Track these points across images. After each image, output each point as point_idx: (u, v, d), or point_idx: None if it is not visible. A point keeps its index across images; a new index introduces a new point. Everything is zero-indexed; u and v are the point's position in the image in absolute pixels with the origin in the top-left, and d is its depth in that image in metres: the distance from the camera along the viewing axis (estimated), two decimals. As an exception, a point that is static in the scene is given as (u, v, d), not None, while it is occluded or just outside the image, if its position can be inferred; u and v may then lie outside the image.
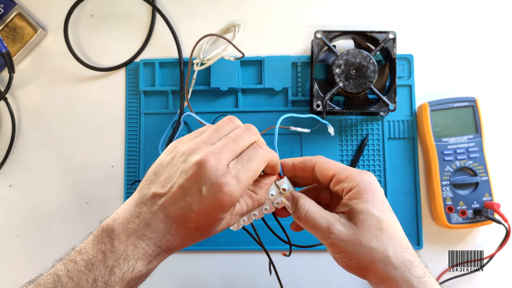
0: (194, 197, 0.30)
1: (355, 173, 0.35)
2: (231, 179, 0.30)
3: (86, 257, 0.30)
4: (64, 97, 0.59)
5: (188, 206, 0.30)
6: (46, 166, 0.58)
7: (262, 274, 0.56)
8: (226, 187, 0.30)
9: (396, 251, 0.32)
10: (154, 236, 0.31)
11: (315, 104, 0.53)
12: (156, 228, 0.31)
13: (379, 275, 0.33)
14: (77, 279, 0.29)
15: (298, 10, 0.59)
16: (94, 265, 0.29)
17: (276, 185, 0.37)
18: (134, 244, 0.30)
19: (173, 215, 0.31)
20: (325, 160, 0.36)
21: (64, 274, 0.29)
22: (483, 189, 0.53)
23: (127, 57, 0.59)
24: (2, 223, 0.58)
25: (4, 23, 0.59)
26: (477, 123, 0.54)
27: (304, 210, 0.35)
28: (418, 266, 0.32)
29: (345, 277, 0.56)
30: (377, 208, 0.33)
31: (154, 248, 0.31)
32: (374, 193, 0.34)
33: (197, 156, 0.31)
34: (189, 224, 0.31)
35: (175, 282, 0.56)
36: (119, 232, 0.30)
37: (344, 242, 0.33)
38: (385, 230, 0.33)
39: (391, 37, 0.53)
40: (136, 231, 0.30)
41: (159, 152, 0.56)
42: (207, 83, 0.57)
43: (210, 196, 0.30)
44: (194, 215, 0.31)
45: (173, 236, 0.31)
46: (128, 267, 0.30)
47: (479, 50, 0.58)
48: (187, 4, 0.60)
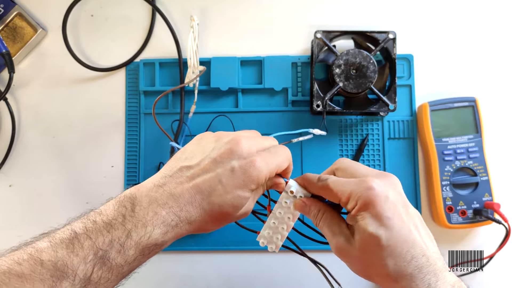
0: (225, 170, 0.32)
1: (354, 190, 0.33)
2: (261, 159, 0.33)
3: (106, 218, 0.30)
4: (64, 97, 0.59)
5: (218, 178, 0.32)
6: (46, 166, 0.58)
7: (262, 274, 0.56)
8: (256, 163, 0.32)
9: (397, 265, 0.31)
10: (176, 205, 0.31)
11: (315, 104, 0.53)
12: (179, 198, 0.31)
13: (382, 285, 0.33)
14: (94, 238, 0.29)
15: (298, 10, 0.59)
16: (113, 226, 0.30)
17: (286, 193, 0.37)
18: (154, 211, 0.31)
19: (199, 186, 0.32)
20: (334, 183, 0.34)
21: (82, 231, 0.29)
22: (483, 189, 0.53)
23: (127, 57, 0.59)
24: (2, 223, 0.58)
25: (4, 23, 0.59)
26: (477, 123, 0.54)
27: (318, 219, 0.36)
28: (422, 279, 0.31)
29: (345, 277, 0.56)
30: (374, 225, 0.31)
31: (173, 217, 0.31)
32: (372, 207, 0.32)
33: (229, 137, 0.33)
34: (214, 198, 0.32)
35: (175, 282, 0.56)
36: (141, 199, 0.31)
37: (344, 254, 0.34)
38: (384, 246, 0.31)
39: (391, 37, 0.53)
40: (158, 199, 0.31)
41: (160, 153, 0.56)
42: (207, 83, 0.57)
43: (240, 170, 0.32)
44: (222, 188, 0.32)
45: (194, 208, 0.32)
46: (145, 232, 0.30)
47: (479, 50, 0.58)
48: (187, 4, 0.60)
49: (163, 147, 0.57)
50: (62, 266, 0.28)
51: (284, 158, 0.35)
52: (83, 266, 0.28)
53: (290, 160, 0.36)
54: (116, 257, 0.29)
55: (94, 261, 0.29)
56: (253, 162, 0.32)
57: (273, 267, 0.56)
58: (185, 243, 0.55)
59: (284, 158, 0.35)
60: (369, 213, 0.32)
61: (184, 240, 0.37)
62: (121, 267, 0.30)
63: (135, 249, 0.30)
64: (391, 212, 0.32)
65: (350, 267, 0.35)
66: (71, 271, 0.28)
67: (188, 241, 0.55)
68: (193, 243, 0.56)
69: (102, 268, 0.29)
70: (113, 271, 0.29)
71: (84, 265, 0.28)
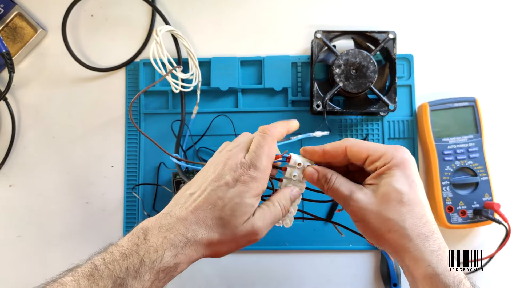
0: (221, 185, 0.35)
1: (388, 150, 0.36)
2: (248, 166, 0.35)
3: (122, 249, 0.33)
4: (64, 97, 0.59)
5: (216, 194, 0.35)
6: (46, 166, 0.58)
7: (262, 274, 0.56)
8: (249, 173, 0.35)
9: (413, 224, 0.34)
10: (182, 227, 0.34)
11: (315, 104, 0.53)
12: (184, 220, 0.34)
13: (393, 245, 0.34)
14: (112, 267, 0.31)
15: (298, 10, 0.59)
16: (128, 255, 0.32)
17: (292, 167, 0.39)
18: (163, 236, 0.33)
19: (200, 205, 0.35)
20: (356, 143, 0.37)
21: (101, 263, 0.32)
22: (483, 189, 0.53)
23: (127, 57, 0.59)
24: (2, 223, 0.58)
25: (4, 23, 0.59)
26: (477, 123, 0.54)
27: (331, 182, 0.37)
28: (434, 241, 0.34)
29: (345, 277, 0.56)
30: (401, 182, 0.35)
31: (181, 238, 0.33)
32: (404, 168, 0.35)
33: (224, 156, 0.37)
34: (215, 213, 0.34)
35: (175, 282, 0.56)
36: (152, 227, 0.34)
37: (362, 210, 0.35)
38: (405, 203, 0.34)
39: (391, 37, 0.53)
40: (166, 225, 0.34)
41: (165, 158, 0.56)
42: (207, 83, 0.57)
43: (234, 182, 0.35)
44: (221, 202, 0.34)
45: (199, 227, 0.34)
46: (157, 256, 0.32)
47: (479, 50, 0.58)
48: (187, 4, 0.60)
49: (163, 147, 0.57)
50: None
51: (264, 144, 0.37)
52: None
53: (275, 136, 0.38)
54: (133, 283, 0.31)
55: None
56: (245, 172, 0.35)
57: (273, 267, 0.56)
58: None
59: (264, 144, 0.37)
60: (400, 171, 0.35)
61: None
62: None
63: (149, 274, 0.32)
64: (417, 178, 0.36)
65: (364, 228, 0.36)
66: None
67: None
68: (193, 243, 0.56)
69: None
70: None
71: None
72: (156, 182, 0.57)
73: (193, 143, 0.57)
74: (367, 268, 0.55)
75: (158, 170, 0.57)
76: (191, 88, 0.55)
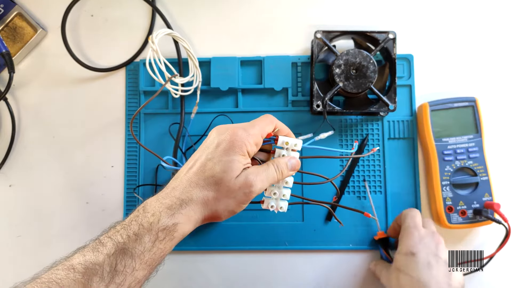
0: (211, 148, 0.37)
1: None
2: (240, 128, 0.38)
3: (123, 222, 0.36)
4: (64, 97, 0.59)
5: (206, 157, 0.37)
6: (46, 166, 0.58)
7: (262, 274, 0.56)
8: (236, 131, 0.37)
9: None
10: (177, 193, 0.36)
11: (315, 104, 0.53)
12: (178, 186, 0.37)
13: None
14: (114, 237, 0.34)
15: (298, 10, 0.59)
16: (129, 225, 0.35)
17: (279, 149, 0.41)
18: (160, 202, 0.36)
19: (194, 171, 0.37)
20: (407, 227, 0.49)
21: (104, 236, 0.35)
22: (483, 189, 0.53)
23: (127, 57, 0.59)
24: (2, 223, 0.58)
25: (4, 23, 0.59)
26: (477, 123, 0.54)
27: None
28: None
29: (345, 277, 0.56)
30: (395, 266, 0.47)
31: (176, 200, 0.36)
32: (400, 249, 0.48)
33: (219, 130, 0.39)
34: (207, 173, 0.37)
35: (175, 282, 0.56)
36: (151, 201, 0.37)
37: None
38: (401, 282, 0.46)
39: (391, 37, 0.53)
40: (163, 195, 0.37)
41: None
42: (207, 83, 0.57)
43: (223, 142, 0.37)
44: (211, 162, 0.37)
45: (193, 188, 0.36)
46: (154, 219, 0.35)
47: (479, 50, 0.58)
48: (187, 4, 0.60)
49: (163, 147, 0.57)
50: (90, 264, 0.32)
51: (266, 121, 0.40)
52: (108, 260, 0.33)
53: (274, 123, 0.41)
54: (134, 245, 0.34)
55: (116, 254, 0.33)
56: (234, 130, 0.37)
57: (273, 267, 0.56)
58: (185, 243, 0.55)
59: (266, 121, 0.40)
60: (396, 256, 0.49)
61: (184, 240, 0.38)
62: (141, 254, 0.34)
63: (149, 235, 0.34)
64: (409, 250, 0.47)
65: None
66: (99, 267, 0.32)
67: (188, 241, 0.55)
68: (193, 243, 0.56)
69: (124, 258, 0.33)
70: (135, 259, 0.33)
71: (108, 258, 0.33)
72: (156, 182, 0.57)
73: (192, 144, 0.57)
74: (367, 268, 0.55)
75: (156, 171, 0.57)
76: (191, 91, 0.55)
